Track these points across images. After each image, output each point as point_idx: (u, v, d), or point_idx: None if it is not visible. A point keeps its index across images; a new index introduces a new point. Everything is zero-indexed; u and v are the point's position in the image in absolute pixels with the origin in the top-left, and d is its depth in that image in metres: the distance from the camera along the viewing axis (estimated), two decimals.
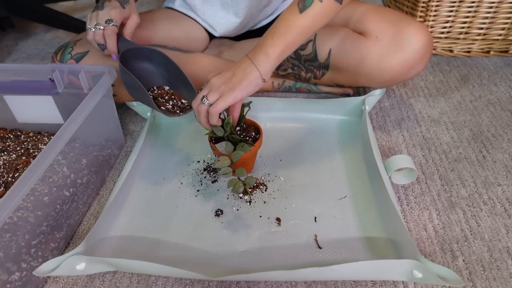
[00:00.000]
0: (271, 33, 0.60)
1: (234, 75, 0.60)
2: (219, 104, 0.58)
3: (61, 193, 0.59)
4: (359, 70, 0.77)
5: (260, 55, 0.59)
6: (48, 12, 1.23)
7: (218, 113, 0.59)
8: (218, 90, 0.59)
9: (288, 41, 0.59)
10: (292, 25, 0.59)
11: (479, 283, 0.53)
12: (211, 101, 0.59)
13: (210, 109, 0.59)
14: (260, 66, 0.59)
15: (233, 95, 0.58)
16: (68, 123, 0.58)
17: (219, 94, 0.59)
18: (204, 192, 0.68)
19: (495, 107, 0.85)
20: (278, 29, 0.60)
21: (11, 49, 1.29)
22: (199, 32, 0.93)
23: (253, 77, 0.59)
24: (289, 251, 0.57)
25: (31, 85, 0.71)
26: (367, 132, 0.72)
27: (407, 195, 0.66)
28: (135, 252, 0.58)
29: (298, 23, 0.59)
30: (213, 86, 0.60)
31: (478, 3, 0.96)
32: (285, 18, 0.60)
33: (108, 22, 0.68)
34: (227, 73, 0.61)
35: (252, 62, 0.60)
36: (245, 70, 0.60)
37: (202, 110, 0.60)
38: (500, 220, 0.61)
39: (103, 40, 0.69)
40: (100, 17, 0.69)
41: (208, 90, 0.60)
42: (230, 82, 0.59)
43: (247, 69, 0.60)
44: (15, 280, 0.50)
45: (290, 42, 0.60)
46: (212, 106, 0.59)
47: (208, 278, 0.50)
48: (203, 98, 0.59)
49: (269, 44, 0.59)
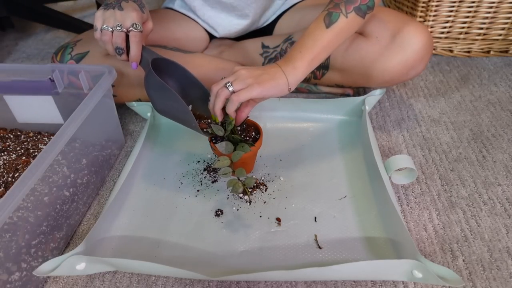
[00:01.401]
0: (299, 47, 0.62)
1: (263, 73, 0.60)
2: (243, 93, 0.58)
3: (61, 193, 0.59)
4: (359, 71, 0.77)
5: (289, 67, 0.61)
6: (48, 12, 1.23)
7: (239, 102, 0.58)
8: (245, 81, 0.59)
9: (314, 54, 0.61)
10: (318, 39, 0.61)
11: (479, 283, 0.53)
12: (236, 89, 0.58)
13: (233, 96, 0.58)
14: (289, 76, 0.61)
15: (258, 90, 0.58)
16: (68, 123, 0.58)
17: (245, 85, 0.58)
18: (204, 192, 0.68)
19: (495, 107, 0.85)
20: (306, 43, 0.62)
21: (11, 49, 1.29)
22: (199, 32, 0.93)
23: (281, 81, 0.60)
24: (289, 251, 0.57)
25: (31, 85, 0.71)
26: (367, 132, 0.72)
27: (407, 195, 0.66)
28: (135, 252, 0.58)
29: (324, 38, 0.61)
30: (240, 76, 0.59)
31: (478, 3, 0.96)
32: (312, 33, 0.62)
33: (135, 26, 0.62)
34: (257, 70, 0.61)
35: (282, 70, 0.61)
36: (275, 74, 0.60)
37: (223, 95, 0.59)
38: (500, 220, 0.61)
39: (124, 44, 0.63)
40: (120, 17, 0.62)
41: (234, 78, 0.59)
42: (259, 78, 0.59)
43: (277, 74, 0.60)
44: (15, 280, 0.50)
45: (316, 55, 0.62)
46: (236, 93, 0.58)
47: (208, 278, 0.50)
48: (228, 84, 0.58)
49: (298, 58, 0.61)
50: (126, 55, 0.65)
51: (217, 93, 0.60)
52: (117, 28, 0.61)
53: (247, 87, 0.58)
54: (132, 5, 0.64)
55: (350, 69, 0.78)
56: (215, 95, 0.60)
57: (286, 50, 0.84)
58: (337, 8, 0.62)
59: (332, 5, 0.63)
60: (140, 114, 0.86)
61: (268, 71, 0.61)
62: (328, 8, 0.63)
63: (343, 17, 0.62)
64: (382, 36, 0.72)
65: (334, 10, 0.62)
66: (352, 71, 0.78)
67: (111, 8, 0.63)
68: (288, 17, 0.91)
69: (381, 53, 0.73)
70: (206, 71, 0.86)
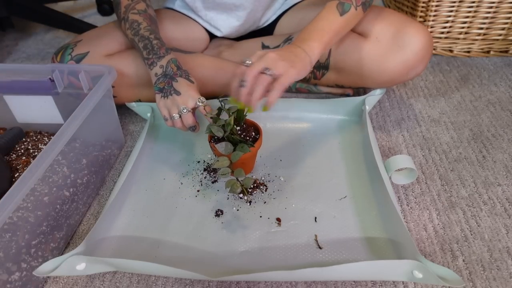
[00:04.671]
0: (314, 29, 0.63)
1: (291, 54, 0.59)
2: (285, 79, 0.56)
3: (61, 193, 0.59)
4: (359, 71, 0.77)
5: (309, 47, 0.61)
6: (48, 12, 1.23)
7: (284, 88, 0.57)
8: (279, 66, 0.56)
9: (330, 36, 0.64)
10: (333, 24, 0.64)
11: (479, 283, 0.53)
12: (277, 74, 0.56)
13: (277, 84, 0.56)
14: (311, 56, 0.61)
15: (294, 73, 0.57)
16: (68, 123, 0.58)
17: (283, 68, 0.56)
18: (204, 192, 0.68)
19: (495, 107, 0.85)
20: (322, 25, 0.63)
21: (11, 49, 1.29)
22: (199, 33, 0.93)
23: (307, 61, 0.61)
24: (289, 251, 0.57)
25: (31, 85, 0.71)
26: (367, 132, 0.72)
27: (407, 195, 0.66)
28: (135, 252, 0.58)
29: (338, 23, 0.65)
30: (272, 59, 0.56)
31: (478, 3, 0.96)
32: (327, 17, 0.64)
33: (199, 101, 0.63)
34: (283, 51, 0.59)
35: (304, 50, 0.61)
36: (300, 54, 0.60)
37: (264, 81, 0.56)
38: (500, 220, 0.61)
39: (195, 121, 0.64)
40: (181, 101, 0.63)
41: (267, 63, 0.56)
42: (290, 60, 0.58)
43: (302, 54, 0.60)
44: (15, 280, 0.50)
45: (330, 38, 0.64)
46: (278, 81, 0.56)
47: (208, 278, 0.50)
48: (267, 70, 0.55)
49: (316, 38, 0.62)
50: (198, 127, 0.66)
51: (254, 80, 0.56)
52: (184, 111, 0.63)
53: (284, 72, 0.56)
54: (183, 82, 0.65)
55: (350, 69, 0.78)
56: (253, 81, 0.56)
57: None
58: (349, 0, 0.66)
59: None
60: (140, 115, 0.86)
61: (294, 52, 0.60)
62: None
63: (353, 8, 0.66)
64: (382, 36, 0.73)
65: (346, 1, 0.66)
66: (352, 71, 0.78)
67: (169, 95, 0.64)
68: (288, 17, 0.91)
69: (381, 53, 0.73)
70: (206, 71, 0.86)
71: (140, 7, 0.76)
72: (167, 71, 0.67)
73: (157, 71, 0.68)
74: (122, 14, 0.76)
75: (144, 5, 0.77)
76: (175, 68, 0.67)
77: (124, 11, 0.76)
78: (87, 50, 0.78)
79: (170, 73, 0.67)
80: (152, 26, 0.74)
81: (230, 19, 0.89)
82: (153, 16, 0.78)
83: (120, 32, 0.81)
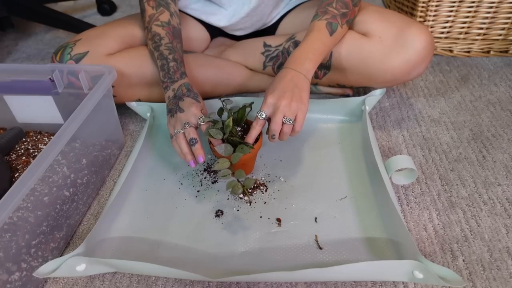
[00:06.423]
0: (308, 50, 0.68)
1: (294, 88, 0.64)
2: (301, 122, 0.64)
3: (61, 193, 0.59)
4: (361, 70, 0.77)
5: (304, 69, 0.66)
6: (48, 12, 1.23)
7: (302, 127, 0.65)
8: (293, 108, 0.63)
9: (321, 57, 0.69)
10: (325, 45, 0.70)
11: (479, 283, 0.53)
12: (294, 119, 0.63)
13: (296, 126, 0.64)
14: (308, 76, 0.66)
15: (305, 109, 0.64)
16: (68, 123, 0.57)
17: (297, 110, 0.63)
18: (204, 193, 0.68)
19: (495, 107, 0.85)
20: (315, 47, 0.69)
21: (11, 49, 1.29)
22: (199, 32, 0.93)
23: (307, 86, 0.66)
24: (289, 251, 0.57)
25: (31, 85, 0.71)
26: (367, 132, 0.72)
27: (407, 195, 0.66)
28: (135, 253, 0.58)
29: (329, 44, 0.71)
30: (285, 106, 0.62)
31: (478, 3, 0.96)
32: (319, 38, 0.69)
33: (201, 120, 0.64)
34: (287, 89, 0.64)
35: (302, 73, 0.66)
36: (299, 81, 0.65)
37: (288, 130, 0.63)
38: (500, 220, 0.61)
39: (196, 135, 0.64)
40: (185, 118, 0.65)
41: (284, 112, 0.62)
42: (298, 96, 0.63)
43: (301, 80, 0.65)
44: (15, 280, 0.50)
45: (321, 59, 0.70)
46: (297, 124, 0.64)
47: (208, 279, 0.50)
48: (288, 120, 0.62)
49: (310, 59, 0.67)
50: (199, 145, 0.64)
51: (279, 131, 0.63)
52: (186, 126, 0.64)
53: (298, 113, 0.63)
54: (188, 100, 0.66)
55: (352, 68, 0.78)
56: (278, 132, 0.63)
57: (289, 49, 0.84)
58: (335, 19, 0.71)
59: (330, 16, 0.71)
60: (140, 114, 0.86)
61: (294, 81, 0.64)
62: (326, 18, 0.71)
63: (339, 27, 0.71)
64: (385, 36, 0.73)
65: (333, 20, 0.71)
66: (354, 70, 0.78)
67: (174, 113, 0.66)
68: (292, 17, 0.91)
69: (384, 53, 0.73)
70: (206, 71, 0.85)
71: (163, 18, 0.76)
72: (177, 94, 0.68)
73: (170, 95, 0.70)
74: (146, 24, 0.77)
75: (168, 16, 0.77)
76: (185, 90, 0.69)
77: (148, 20, 0.76)
78: (87, 49, 0.77)
79: (179, 94, 0.68)
80: (173, 43, 0.74)
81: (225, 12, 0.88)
82: (177, 26, 0.78)
83: (120, 32, 0.81)
